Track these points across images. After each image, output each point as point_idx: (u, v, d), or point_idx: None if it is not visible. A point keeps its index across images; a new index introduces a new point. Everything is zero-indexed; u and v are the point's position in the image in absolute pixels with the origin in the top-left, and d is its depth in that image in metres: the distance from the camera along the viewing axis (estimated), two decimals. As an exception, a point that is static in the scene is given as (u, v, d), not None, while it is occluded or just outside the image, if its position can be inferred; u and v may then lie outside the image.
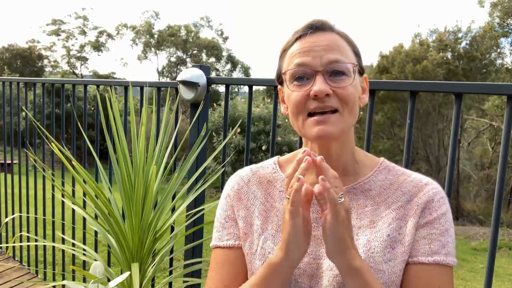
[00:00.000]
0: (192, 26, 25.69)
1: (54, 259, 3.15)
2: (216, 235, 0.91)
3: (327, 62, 0.78)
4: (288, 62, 0.83)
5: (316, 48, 0.79)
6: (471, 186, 15.11)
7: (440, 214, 0.80)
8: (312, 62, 0.78)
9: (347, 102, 0.78)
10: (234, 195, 0.91)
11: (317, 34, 0.81)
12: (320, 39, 0.80)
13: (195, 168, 1.84)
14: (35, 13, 51.37)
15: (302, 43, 0.81)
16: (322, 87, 0.76)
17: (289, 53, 0.83)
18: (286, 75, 0.82)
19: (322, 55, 0.78)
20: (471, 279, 5.63)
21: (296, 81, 0.80)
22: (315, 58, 0.78)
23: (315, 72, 0.78)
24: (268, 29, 62.39)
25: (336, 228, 0.68)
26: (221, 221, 0.91)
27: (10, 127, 3.19)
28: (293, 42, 0.83)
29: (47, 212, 2.84)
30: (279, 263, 0.73)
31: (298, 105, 0.79)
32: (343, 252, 0.69)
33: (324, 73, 0.78)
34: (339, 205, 0.68)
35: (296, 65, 0.80)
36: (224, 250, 0.88)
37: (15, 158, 7.07)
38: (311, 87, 0.78)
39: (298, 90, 0.80)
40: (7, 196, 3.32)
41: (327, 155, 0.83)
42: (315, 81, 0.78)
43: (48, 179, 1.88)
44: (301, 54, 0.80)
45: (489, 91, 1.25)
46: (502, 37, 14.15)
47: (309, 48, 0.80)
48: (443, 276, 0.77)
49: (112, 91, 1.82)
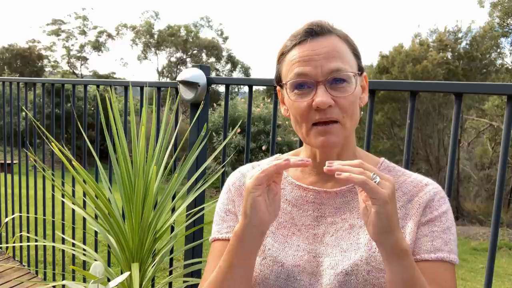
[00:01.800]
0: (192, 26, 25.69)
1: (54, 259, 3.15)
2: (215, 229, 0.91)
3: (327, 72, 0.77)
4: (287, 69, 0.82)
5: (316, 57, 0.78)
6: (471, 186, 15.10)
7: (441, 212, 0.80)
8: (313, 72, 0.78)
9: (348, 112, 0.79)
10: (235, 190, 0.92)
11: (316, 39, 0.80)
12: (320, 46, 0.79)
13: (195, 168, 1.84)
14: (35, 13, 51.41)
15: (301, 50, 0.80)
16: (324, 99, 0.76)
17: (288, 59, 0.82)
18: (287, 85, 0.81)
19: (323, 64, 0.78)
20: (471, 279, 5.63)
21: (297, 90, 0.80)
22: (316, 68, 0.78)
23: (316, 83, 0.78)
24: (268, 29, 62.45)
25: (382, 207, 0.64)
26: (221, 215, 0.92)
27: (10, 127, 3.19)
28: (291, 47, 0.82)
29: (47, 212, 2.84)
30: (240, 230, 0.74)
31: (302, 115, 0.80)
32: (393, 231, 0.66)
33: (326, 83, 0.77)
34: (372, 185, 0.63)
35: (297, 75, 0.79)
36: (223, 242, 0.88)
37: (15, 158, 7.07)
38: (313, 97, 0.78)
39: (300, 100, 0.79)
40: (7, 196, 3.32)
41: (328, 157, 0.84)
42: (316, 92, 0.77)
43: (48, 179, 1.88)
44: (301, 64, 0.79)
45: (489, 91, 1.25)
46: (502, 37, 14.14)
47: (308, 57, 0.79)
48: (447, 272, 0.77)
49: (112, 91, 1.82)
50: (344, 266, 0.78)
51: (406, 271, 0.68)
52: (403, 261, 0.67)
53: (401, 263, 0.67)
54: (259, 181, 0.70)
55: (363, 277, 0.76)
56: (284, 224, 0.86)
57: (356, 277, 0.77)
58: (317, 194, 0.86)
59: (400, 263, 0.67)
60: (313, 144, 0.81)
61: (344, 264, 0.78)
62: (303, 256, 0.81)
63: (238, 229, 0.75)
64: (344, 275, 0.77)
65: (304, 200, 0.87)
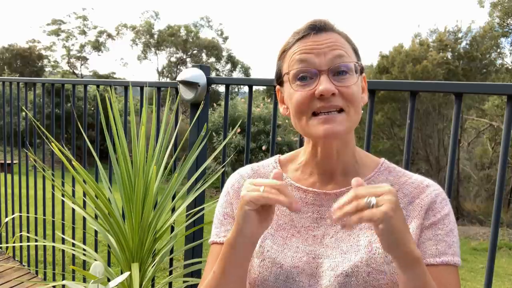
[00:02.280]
0: (192, 26, 25.68)
1: (54, 259, 3.15)
2: (214, 232, 0.92)
3: (331, 58, 0.77)
4: (289, 62, 0.82)
5: (319, 46, 0.78)
6: (471, 186, 15.10)
7: (444, 215, 0.80)
8: (316, 60, 0.77)
9: (352, 101, 0.78)
10: (234, 193, 0.92)
11: (319, 34, 0.80)
12: (322, 38, 0.79)
13: (195, 168, 1.84)
14: (35, 13, 51.39)
15: (303, 43, 0.80)
16: (328, 86, 0.75)
17: (290, 53, 0.82)
18: (290, 74, 0.80)
19: (326, 52, 0.77)
20: (471, 279, 5.63)
21: (299, 81, 0.79)
22: (318, 55, 0.77)
23: (320, 72, 0.77)
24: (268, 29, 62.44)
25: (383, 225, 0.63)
26: (219, 218, 0.92)
27: (10, 127, 3.19)
28: (293, 43, 0.82)
29: (47, 212, 2.84)
30: (232, 238, 0.75)
31: (302, 104, 0.79)
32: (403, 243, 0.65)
33: (329, 73, 0.77)
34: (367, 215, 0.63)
35: (299, 61, 0.79)
36: (221, 246, 0.88)
37: (15, 158, 7.06)
38: (315, 86, 0.77)
39: (302, 90, 0.79)
40: (7, 196, 3.32)
41: (328, 154, 0.83)
42: (319, 80, 0.77)
43: (48, 179, 1.88)
44: (303, 52, 0.79)
45: (489, 91, 1.25)
46: (502, 37, 14.14)
47: (311, 47, 0.79)
48: (451, 275, 0.78)
49: (112, 91, 1.82)
50: (344, 268, 0.78)
51: (419, 278, 0.68)
52: (416, 269, 0.67)
53: (414, 271, 0.67)
54: (256, 200, 0.70)
55: (363, 279, 0.76)
56: (283, 226, 0.86)
57: (356, 279, 0.76)
58: (317, 195, 0.86)
59: (413, 271, 0.67)
60: (314, 134, 0.79)
61: (344, 266, 0.78)
62: (302, 257, 0.81)
63: (230, 237, 0.75)
64: (344, 277, 0.77)
65: (304, 202, 0.86)
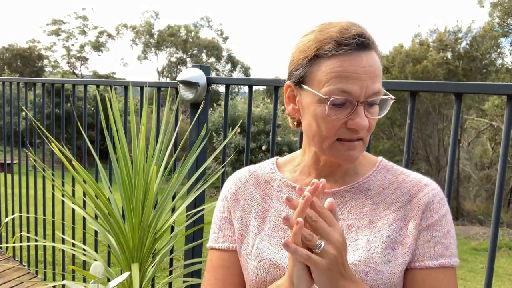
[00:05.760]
0: (192, 26, 25.70)
1: (54, 259, 3.15)
2: (212, 237, 0.92)
3: (371, 94, 0.76)
4: (326, 79, 0.76)
5: (364, 76, 0.75)
6: (471, 186, 15.11)
7: (441, 216, 0.80)
8: (358, 92, 0.75)
9: (371, 131, 0.81)
10: (231, 196, 0.92)
11: (364, 54, 0.76)
12: (367, 63, 0.75)
13: (195, 168, 1.84)
14: (35, 13, 51.42)
15: (348, 65, 0.75)
16: (364, 123, 0.76)
17: (327, 64, 0.76)
18: (323, 91, 0.76)
19: (368, 85, 0.75)
20: (471, 279, 5.63)
21: (335, 106, 0.76)
22: (361, 88, 0.75)
23: (357, 103, 0.75)
24: (268, 29, 62.41)
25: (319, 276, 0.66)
26: (217, 223, 0.92)
27: (10, 127, 3.19)
28: (333, 55, 0.76)
29: (47, 212, 2.84)
30: None
31: (331, 130, 0.78)
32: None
33: (365, 105, 0.76)
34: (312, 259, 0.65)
35: (341, 92, 0.75)
36: (220, 252, 0.89)
37: (15, 158, 7.06)
38: (349, 116, 0.76)
39: (335, 117, 0.76)
40: (7, 196, 3.32)
41: (332, 163, 0.85)
42: (356, 111, 0.76)
43: (48, 179, 1.88)
44: (348, 81, 0.75)
45: (489, 91, 1.25)
46: (502, 37, 14.15)
47: (356, 75, 0.75)
48: (448, 277, 0.78)
49: (112, 91, 1.82)
50: None
51: None
52: None
53: None
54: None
55: (361, 279, 0.76)
56: (281, 226, 0.85)
57: None
58: None
59: None
60: (334, 157, 0.81)
61: None
62: None
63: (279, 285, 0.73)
64: None
65: None
